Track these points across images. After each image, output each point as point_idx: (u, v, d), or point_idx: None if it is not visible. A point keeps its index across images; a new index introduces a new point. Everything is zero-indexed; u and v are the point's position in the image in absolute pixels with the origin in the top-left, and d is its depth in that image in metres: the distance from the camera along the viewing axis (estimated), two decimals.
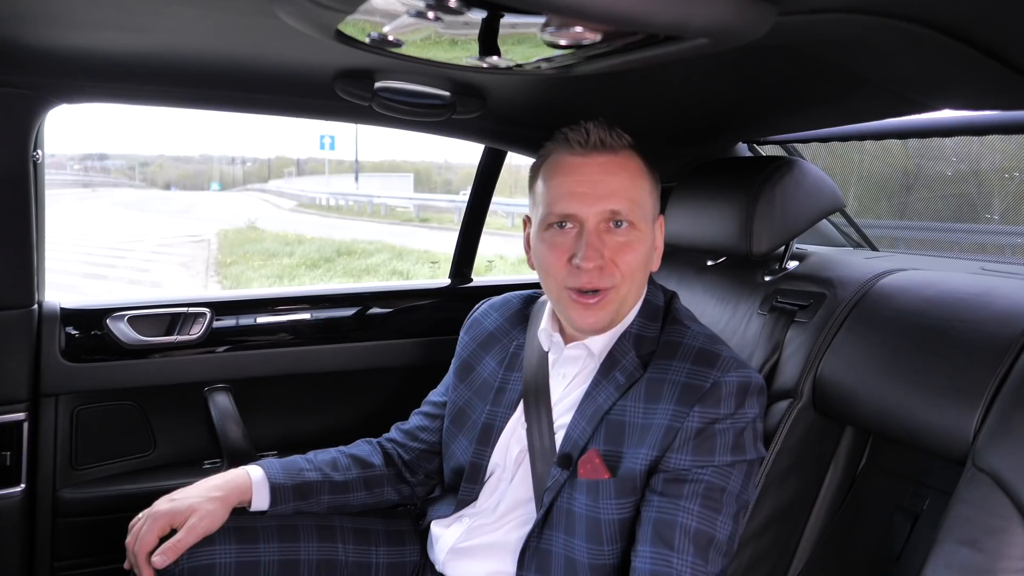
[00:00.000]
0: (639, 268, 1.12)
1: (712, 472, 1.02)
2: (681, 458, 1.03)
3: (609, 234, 1.09)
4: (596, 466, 1.07)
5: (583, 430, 1.11)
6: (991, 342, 1.03)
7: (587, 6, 0.64)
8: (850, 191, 1.96)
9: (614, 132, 1.11)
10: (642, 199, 1.12)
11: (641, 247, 1.11)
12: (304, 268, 10.98)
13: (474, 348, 1.34)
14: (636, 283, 1.13)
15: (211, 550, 1.13)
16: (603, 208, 1.08)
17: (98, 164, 41.49)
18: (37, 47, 1.22)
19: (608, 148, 1.10)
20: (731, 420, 1.04)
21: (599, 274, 1.08)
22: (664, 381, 1.08)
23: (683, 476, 1.02)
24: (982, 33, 0.77)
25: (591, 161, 1.10)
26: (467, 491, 1.22)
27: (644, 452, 1.05)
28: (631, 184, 1.10)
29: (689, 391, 1.05)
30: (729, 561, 1.04)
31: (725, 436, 1.03)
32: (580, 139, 1.10)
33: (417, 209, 19.71)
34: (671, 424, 1.04)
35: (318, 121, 1.71)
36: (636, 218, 1.10)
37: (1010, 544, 0.86)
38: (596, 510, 1.06)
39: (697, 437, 1.03)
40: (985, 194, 1.74)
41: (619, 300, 1.11)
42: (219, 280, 10.40)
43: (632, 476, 1.05)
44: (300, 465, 1.27)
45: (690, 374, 1.07)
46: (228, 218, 18.65)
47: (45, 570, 1.65)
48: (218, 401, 1.79)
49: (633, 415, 1.08)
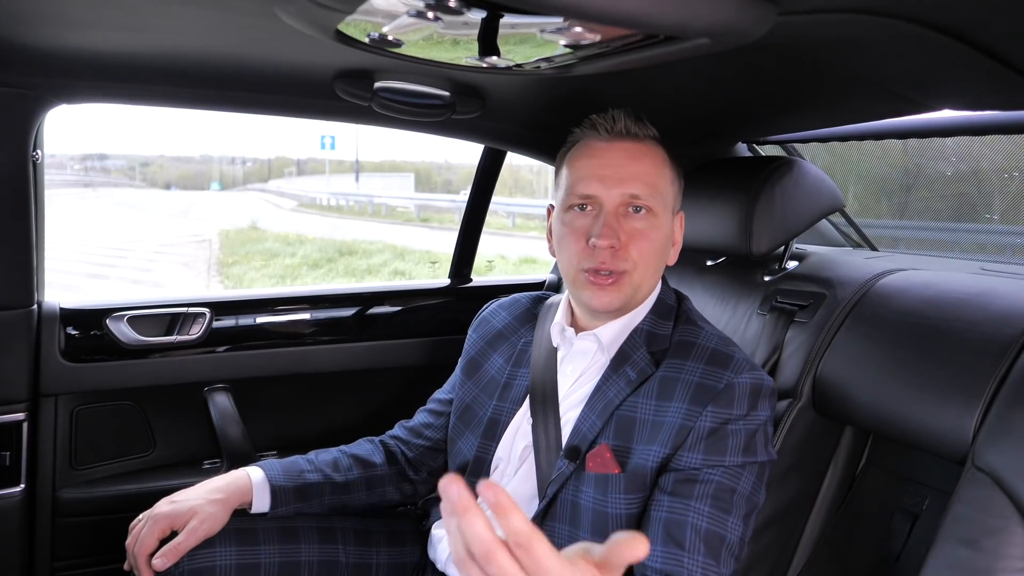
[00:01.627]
0: (654, 257, 1.13)
1: (723, 473, 1.02)
2: (693, 457, 1.03)
3: (627, 218, 1.11)
4: (607, 460, 1.07)
5: (592, 424, 1.11)
6: (991, 342, 1.03)
7: (587, 6, 0.65)
8: (849, 190, 1.96)
9: (641, 122, 1.14)
10: (663, 187, 1.13)
11: (657, 236, 1.12)
12: (306, 268, 10.99)
13: (482, 346, 1.34)
14: (650, 272, 1.14)
15: (211, 552, 1.13)
16: (623, 191, 1.10)
17: (98, 164, 41.46)
18: (37, 47, 1.22)
19: (633, 136, 1.13)
20: (743, 421, 1.04)
21: (612, 255, 1.09)
22: (677, 380, 1.08)
23: (694, 476, 1.03)
24: (982, 33, 0.77)
25: (615, 146, 1.13)
26: (470, 485, 1.21)
27: (655, 449, 1.05)
28: (653, 171, 1.12)
29: (703, 391, 1.06)
30: (739, 563, 1.04)
31: (737, 437, 1.04)
32: (607, 125, 1.13)
33: (418, 209, 19.74)
34: (684, 423, 1.04)
35: (318, 121, 1.71)
36: (655, 205, 1.11)
37: (1009, 544, 0.87)
38: (604, 504, 1.06)
39: (709, 437, 1.03)
40: (985, 194, 1.74)
41: (633, 285, 1.12)
42: (221, 280, 10.41)
43: (642, 472, 1.05)
44: (301, 466, 1.27)
45: (704, 374, 1.07)
46: (229, 218, 18.66)
47: (45, 570, 1.65)
48: (218, 401, 1.79)
49: (644, 412, 1.09)
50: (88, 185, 32.10)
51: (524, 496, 1.16)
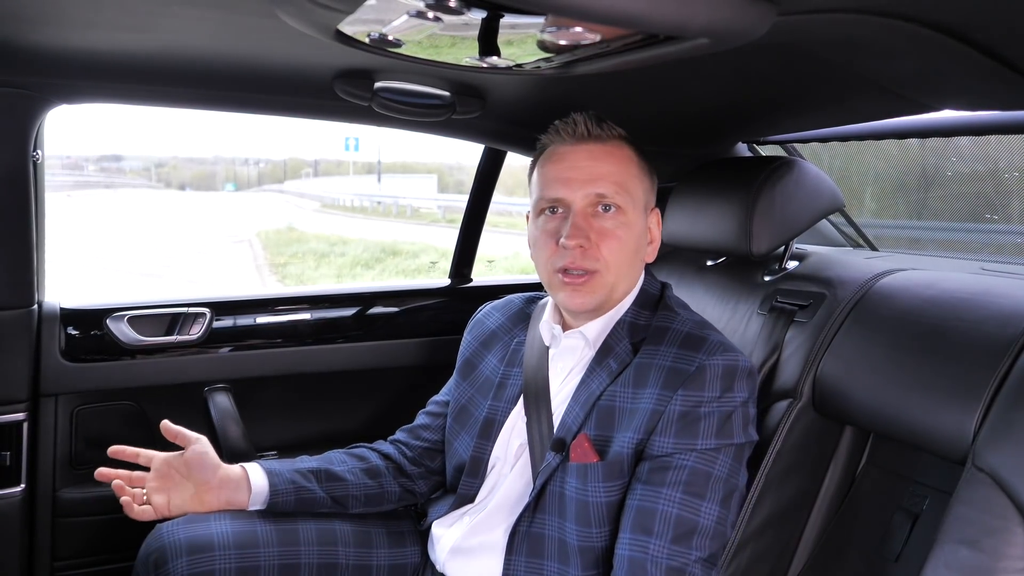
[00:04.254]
0: (625, 255, 1.14)
1: (695, 458, 1.03)
2: (664, 441, 1.04)
3: (596, 218, 1.12)
4: (586, 450, 1.09)
5: (576, 415, 1.12)
6: (991, 342, 1.03)
7: (587, 6, 0.65)
8: (867, 191, 1.95)
9: (604, 123, 1.16)
10: (630, 185, 1.14)
11: (628, 234, 1.13)
12: (360, 267, 11.08)
13: (476, 347, 1.35)
14: (624, 271, 1.15)
15: (211, 556, 1.13)
16: (589, 191, 1.12)
17: (114, 165, 41.44)
18: (37, 47, 1.22)
19: (596, 137, 1.15)
20: (717, 404, 1.05)
21: (582, 254, 1.11)
22: (651, 366, 1.10)
23: (667, 464, 1.04)
24: (982, 33, 0.77)
25: (579, 149, 1.15)
26: (467, 485, 1.22)
27: (630, 436, 1.07)
28: (618, 170, 1.14)
29: (674, 375, 1.07)
30: (723, 547, 1.05)
31: (710, 420, 1.04)
32: (569, 129, 1.15)
33: (443, 210, 19.75)
34: (655, 408, 1.06)
35: (318, 121, 1.71)
36: (623, 203, 1.12)
37: (1010, 544, 0.86)
38: (585, 493, 1.07)
39: (680, 420, 1.04)
40: (1003, 194, 1.72)
41: (607, 286, 1.13)
42: (280, 279, 10.55)
43: (620, 460, 1.06)
44: (296, 459, 1.29)
45: (676, 358, 1.09)
46: (262, 219, 18.70)
47: (45, 570, 1.65)
48: (218, 401, 1.79)
49: (622, 400, 1.10)
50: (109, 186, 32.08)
51: (520, 493, 1.17)
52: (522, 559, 1.12)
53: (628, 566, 1.01)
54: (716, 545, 1.03)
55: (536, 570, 1.11)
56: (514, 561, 1.12)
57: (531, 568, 1.11)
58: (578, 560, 1.07)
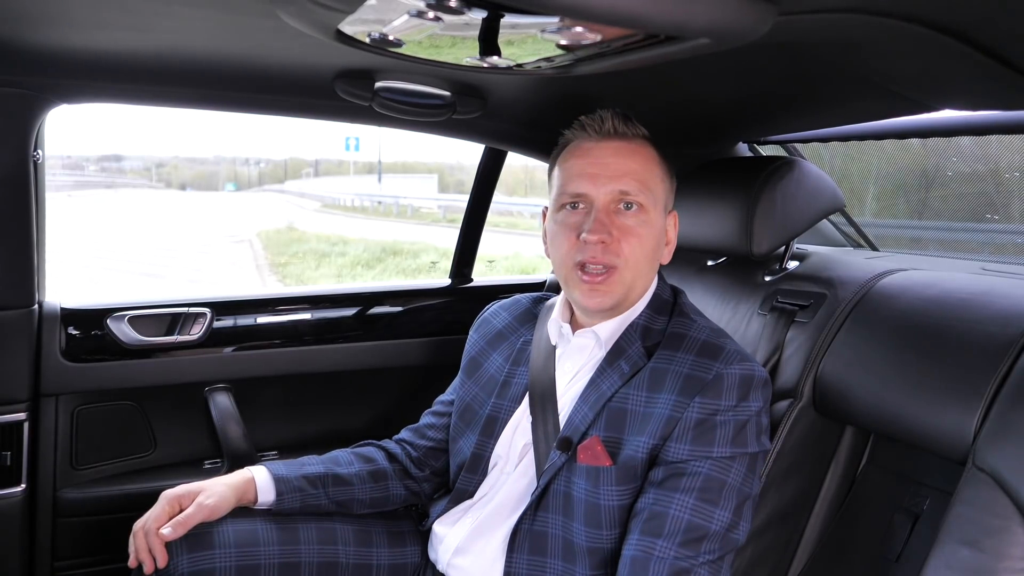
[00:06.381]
0: (645, 254, 1.13)
1: (710, 465, 1.03)
2: (680, 448, 1.04)
3: (619, 215, 1.12)
4: (597, 453, 1.08)
5: (584, 415, 1.12)
6: (991, 342, 1.03)
7: (587, 6, 0.65)
8: (869, 191, 1.95)
9: (630, 121, 1.15)
10: (653, 185, 1.14)
11: (649, 233, 1.13)
12: (361, 267, 11.11)
13: (482, 345, 1.35)
14: (642, 270, 1.14)
15: (211, 554, 1.13)
16: (613, 188, 1.11)
17: (114, 165, 41.52)
18: (37, 47, 1.22)
19: (621, 135, 1.15)
20: (732, 412, 1.05)
21: (603, 249, 1.10)
22: (667, 371, 1.09)
23: (681, 469, 1.03)
24: (982, 33, 0.77)
25: (604, 145, 1.14)
26: (466, 480, 1.22)
27: (644, 440, 1.06)
28: (642, 168, 1.13)
29: (691, 382, 1.06)
30: (734, 551, 1.05)
31: (725, 428, 1.04)
32: (595, 125, 1.15)
33: (443, 210, 19.76)
34: (672, 414, 1.05)
35: (319, 121, 1.71)
36: (646, 201, 1.12)
37: (1010, 544, 0.87)
38: (596, 495, 1.07)
39: (697, 428, 1.04)
40: (1004, 194, 1.72)
41: (625, 285, 1.13)
42: (281, 279, 10.57)
43: (633, 464, 1.06)
44: (302, 461, 1.28)
45: (693, 366, 1.08)
46: (262, 219, 18.74)
47: (45, 570, 1.65)
48: (219, 401, 1.79)
49: (635, 403, 1.10)
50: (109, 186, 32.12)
51: (523, 492, 1.16)
52: (524, 557, 1.12)
53: (631, 564, 1.01)
54: (725, 551, 1.03)
55: (539, 568, 1.11)
56: (516, 559, 1.12)
57: (533, 566, 1.12)
58: (586, 560, 1.07)
